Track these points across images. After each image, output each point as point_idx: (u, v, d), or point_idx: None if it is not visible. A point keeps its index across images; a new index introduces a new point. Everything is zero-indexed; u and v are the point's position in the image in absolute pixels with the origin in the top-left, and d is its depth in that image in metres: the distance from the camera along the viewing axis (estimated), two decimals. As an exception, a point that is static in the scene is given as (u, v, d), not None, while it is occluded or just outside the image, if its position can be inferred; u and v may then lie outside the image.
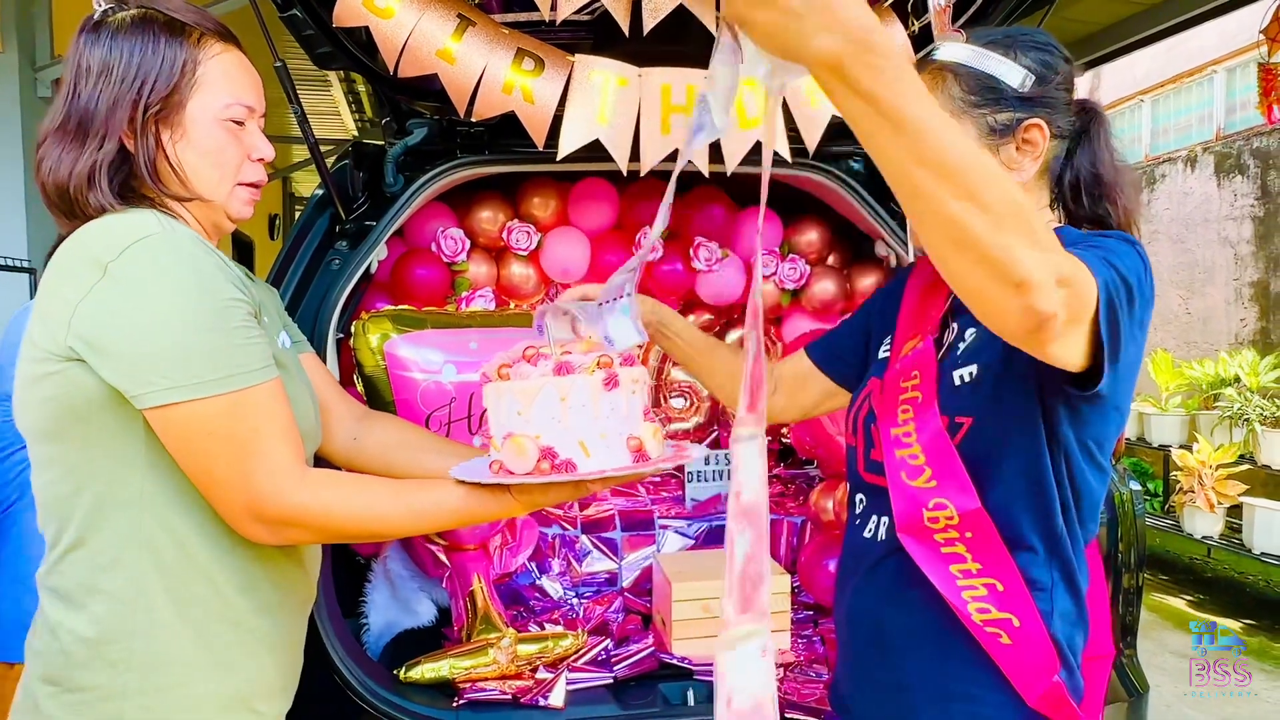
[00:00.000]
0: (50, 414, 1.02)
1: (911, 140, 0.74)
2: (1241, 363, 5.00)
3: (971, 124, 1.08)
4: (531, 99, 1.77)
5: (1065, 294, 0.82)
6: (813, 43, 0.72)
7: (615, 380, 1.04)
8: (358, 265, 1.98)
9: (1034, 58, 1.10)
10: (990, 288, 0.81)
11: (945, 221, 0.78)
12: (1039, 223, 0.80)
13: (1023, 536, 1.07)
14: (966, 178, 0.75)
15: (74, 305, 0.97)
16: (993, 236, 0.77)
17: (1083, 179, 1.14)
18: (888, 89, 0.72)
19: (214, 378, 0.98)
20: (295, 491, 1.02)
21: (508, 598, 2.20)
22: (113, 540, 1.03)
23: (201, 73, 1.08)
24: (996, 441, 1.05)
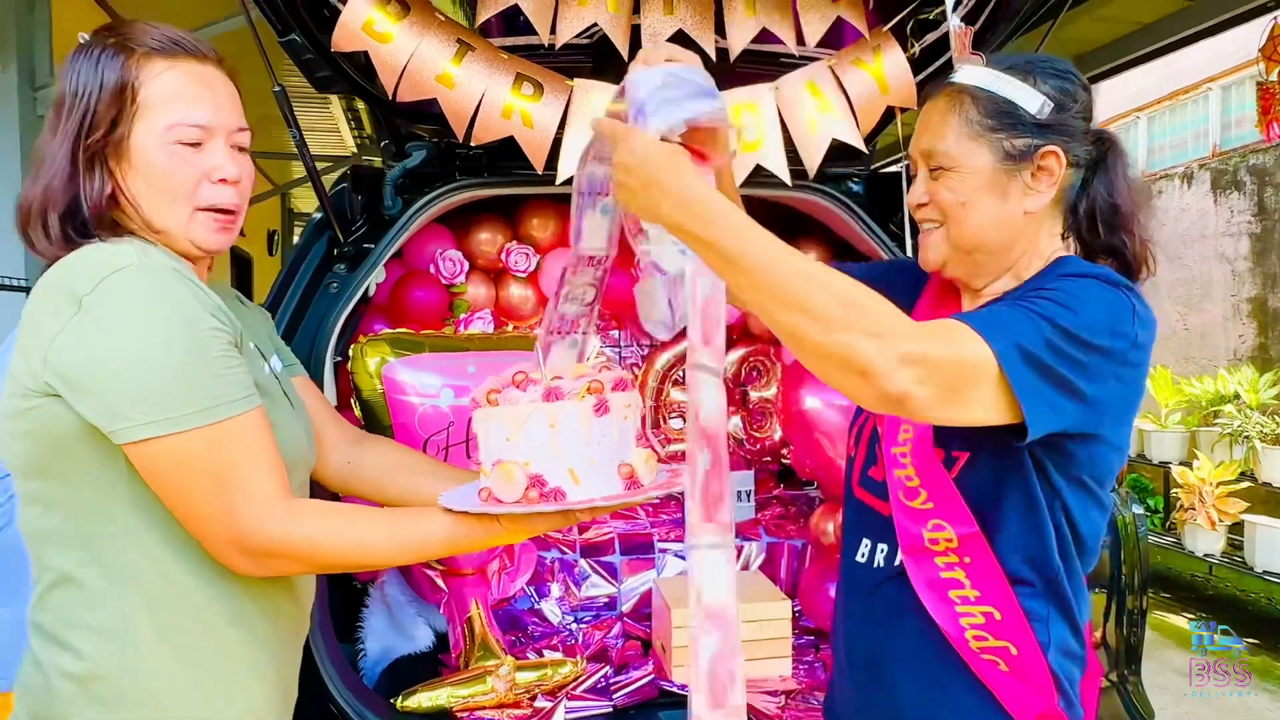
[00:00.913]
0: (31, 449, 1.01)
1: (741, 270, 0.89)
2: (1241, 379, 4.99)
3: (988, 147, 1.08)
4: (531, 123, 1.76)
5: (917, 372, 0.89)
6: (658, 210, 0.93)
7: (605, 406, 1.02)
8: (356, 288, 1.98)
9: (1053, 85, 1.09)
10: (837, 378, 0.92)
11: (783, 330, 0.91)
12: (880, 312, 0.90)
13: (1018, 570, 1.06)
14: (792, 293, 0.88)
15: (50, 340, 0.95)
16: (826, 336, 0.88)
17: (1099, 209, 1.12)
18: (711, 232, 0.90)
19: (191, 411, 0.96)
20: (279, 523, 1.00)
21: (506, 623, 2.18)
22: (98, 576, 1.01)
23: (144, 95, 1.03)
24: (991, 476, 1.05)
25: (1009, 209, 1.09)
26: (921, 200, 1.14)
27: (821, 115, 1.84)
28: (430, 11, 1.74)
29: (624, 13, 1.73)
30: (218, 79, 1.09)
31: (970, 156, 1.08)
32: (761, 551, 2.41)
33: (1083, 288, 1.00)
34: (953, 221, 1.11)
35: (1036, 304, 0.97)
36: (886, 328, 0.88)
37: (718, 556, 0.86)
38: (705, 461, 0.88)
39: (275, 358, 1.23)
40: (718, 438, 0.89)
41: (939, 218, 1.12)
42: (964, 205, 1.09)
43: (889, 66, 1.90)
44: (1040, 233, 1.11)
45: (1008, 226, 1.09)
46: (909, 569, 1.10)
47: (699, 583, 0.86)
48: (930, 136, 1.12)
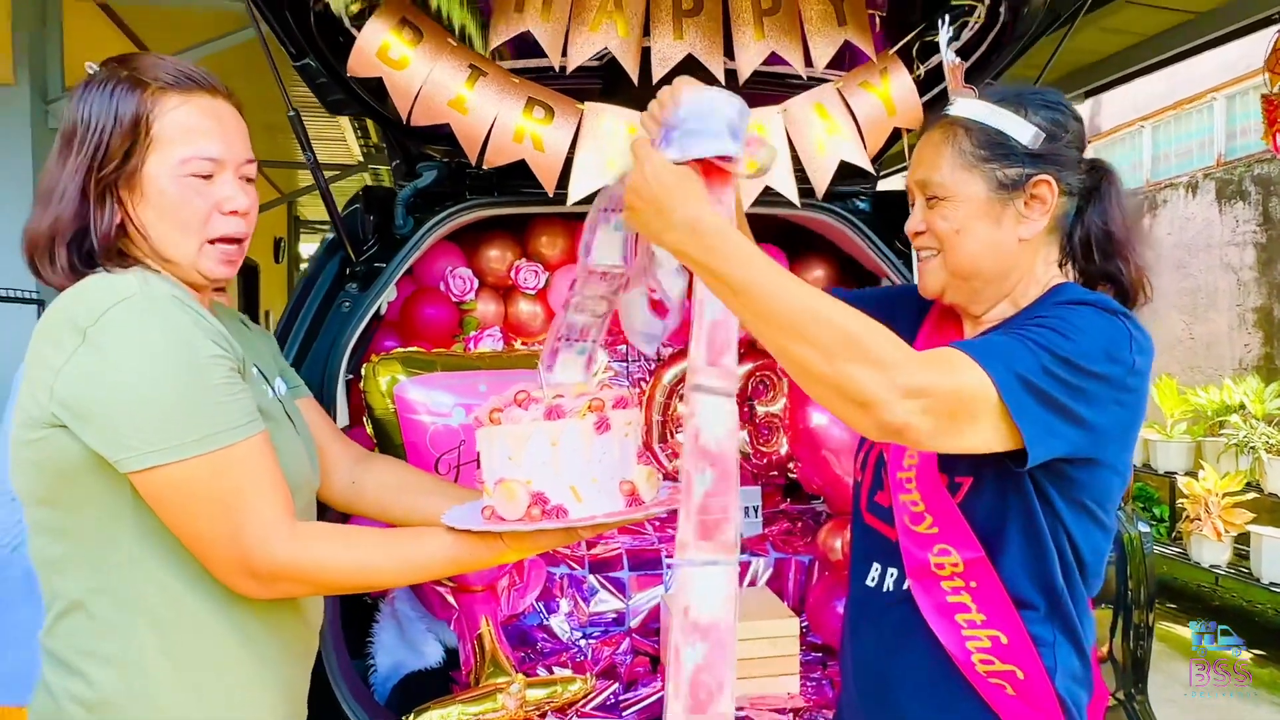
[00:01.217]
0: (39, 479, 1.02)
1: (749, 301, 0.91)
2: (1246, 390, 4.99)
3: (981, 177, 1.11)
4: (542, 147, 1.79)
5: (919, 404, 0.91)
6: (663, 235, 0.95)
7: (607, 424, 1.04)
8: (368, 307, 1.99)
9: (1045, 116, 1.12)
10: (840, 408, 0.93)
11: (788, 360, 0.93)
12: (882, 343, 0.91)
13: (1023, 594, 1.08)
14: (796, 324, 0.90)
15: (56, 371, 0.97)
16: (829, 368, 0.90)
17: (1093, 236, 1.15)
18: (718, 261, 0.91)
19: (194, 438, 0.98)
20: (284, 546, 1.01)
21: (515, 639, 2.19)
22: (107, 603, 1.03)
23: (157, 129, 1.04)
24: (995, 502, 1.07)
25: (1003, 236, 1.11)
26: (919, 229, 1.16)
27: (829, 137, 1.87)
28: (443, 37, 1.76)
29: (634, 37, 1.75)
30: (227, 112, 1.11)
31: (964, 186, 1.11)
32: (769, 567, 2.42)
33: (1079, 315, 1.03)
34: (949, 249, 1.13)
35: (1034, 332, 0.99)
36: (888, 359, 0.90)
37: (714, 572, 0.86)
38: (707, 481, 0.88)
39: (279, 380, 1.25)
40: (724, 457, 0.90)
41: (936, 245, 1.15)
42: (959, 233, 1.12)
43: (896, 89, 1.92)
44: (1036, 260, 1.14)
45: (1003, 254, 1.12)
46: (916, 593, 1.11)
47: (687, 599, 0.86)
48: (926, 168, 1.14)
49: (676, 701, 0.83)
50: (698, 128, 0.96)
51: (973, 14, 1.92)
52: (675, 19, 1.75)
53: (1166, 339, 6.76)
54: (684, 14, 1.76)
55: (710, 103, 0.97)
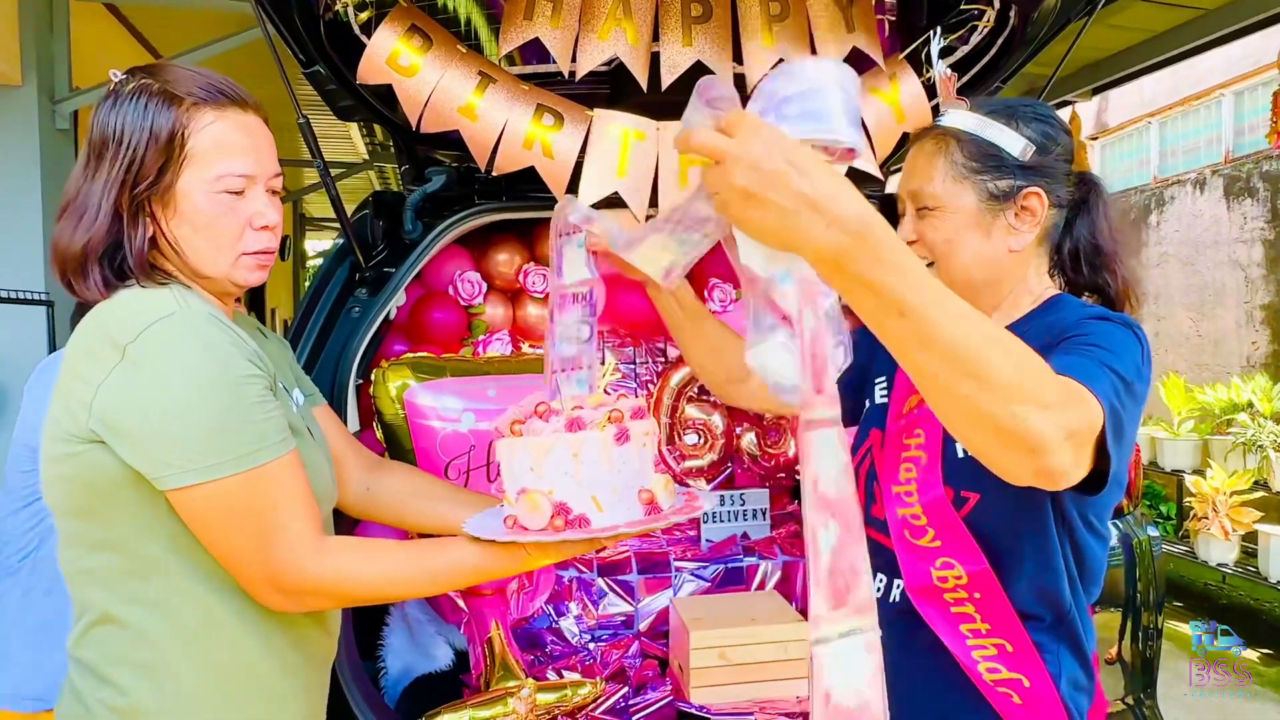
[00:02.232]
0: (73, 492, 1.03)
1: (915, 325, 0.74)
2: (1255, 388, 4.98)
3: (972, 189, 1.11)
4: (551, 154, 1.79)
5: (1074, 445, 0.83)
6: (811, 238, 0.72)
7: (626, 435, 1.05)
8: (378, 313, 2.00)
9: (1035, 129, 1.13)
10: (1004, 455, 0.82)
11: (954, 400, 0.79)
12: (1050, 381, 0.81)
13: (1030, 606, 1.08)
14: (972, 358, 0.76)
15: (94, 388, 0.98)
16: (1003, 409, 0.77)
17: (1082, 248, 1.17)
18: (890, 277, 0.73)
19: (232, 456, 0.99)
20: (314, 562, 1.03)
21: (525, 642, 2.21)
22: (139, 614, 1.04)
23: (192, 145, 1.05)
24: (1004, 517, 1.07)
25: (993, 247, 1.12)
26: (910, 239, 1.17)
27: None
28: (453, 44, 1.77)
29: (643, 44, 1.75)
30: (258, 126, 1.11)
31: (955, 197, 1.11)
32: (777, 569, 2.43)
33: (1110, 331, 1.02)
34: (941, 259, 1.14)
35: (1094, 352, 0.97)
36: (1055, 399, 0.81)
37: (855, 643, 0.74)
38: (833, 536, 0.73)
39: (297, 390, 1.26)
40: (844, 503, 0.74)
41: (927, 256, 1.16)
42: (949, 243, 1.12)
43: (905, 95, 1.92)
44: (1028, 271, 1.15)
45: (993, 264, 1.13)
46: (919, 605, 1.11)
47: (828, 684, 0.73)
48: (917, 178, 1.15)
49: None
50: (820, 105, 0.76)
51: (982, 17, 1.92)
52: (684, 25, 1.76)
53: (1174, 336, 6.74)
54: (693, 20, 1.76)
55: (837, 77, 0.76)
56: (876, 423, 1.27)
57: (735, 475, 2.73)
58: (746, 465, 2.73)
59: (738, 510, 2.50)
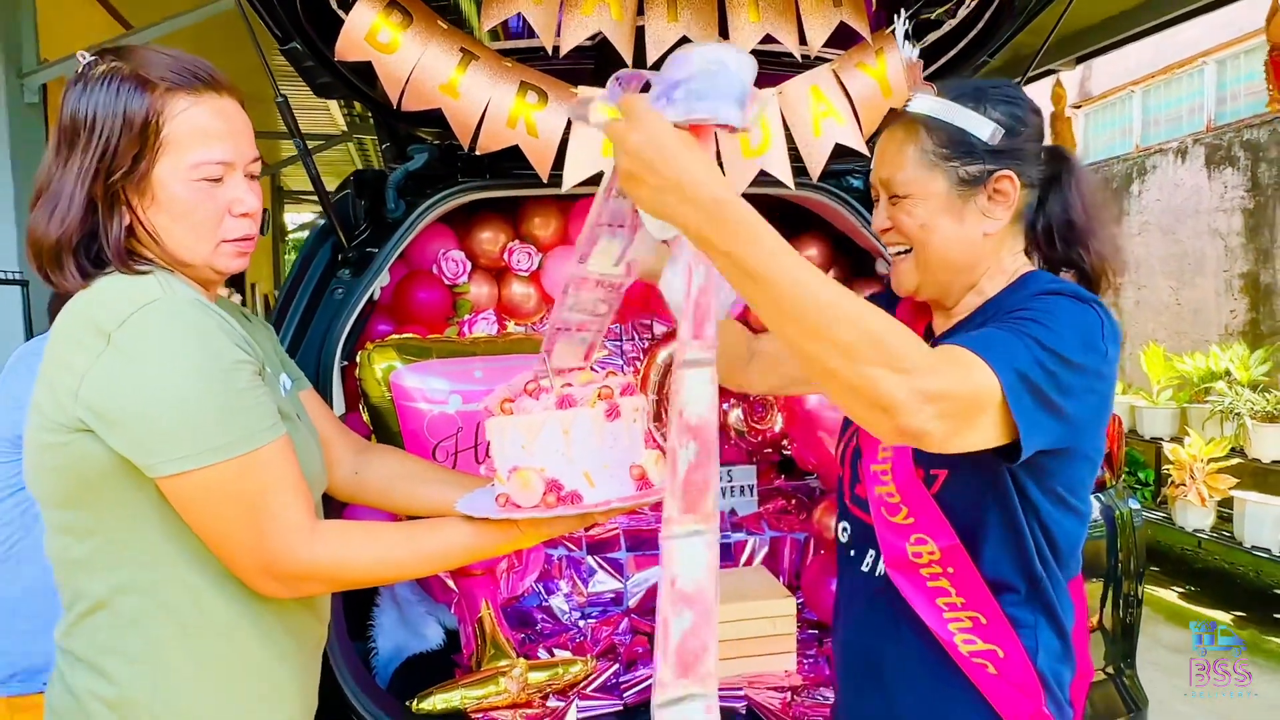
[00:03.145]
0: (61, 482, 1.02)
1: (765, 290, 0.84)
2: (1232, 356, 5.05)
3: (943, 175, 1.12)
4: (535, 132, 1.76)
5: (938, 408, 0.88)
6: (678, 213, 0.84)
7: (617, 411, 1.05)
8: (361, 294, 1.98)
9: (1003, 111, 1.12)
10: (859, 411, 0.90)
11: (807, 357, 0.88)
12: (905, 345, 0.87)
13: (1004, 578, 1.11)
14: (819, 320, 0.84)
15: (80, 376, 0.97)
16: (850, 369, 0.85)
17: (1055, 225, 1.17)
18: (741, 248, 0.83)
19: (223, 443, 0.98)
20: (308, 547, 1.02)
21: (515, 620, 2.22)
22: (131, 603, 1.03)
23: (167, 132, 1.02)
24: (970, 492, 1.09)
25: (967, 231, 1.13)
26: (885, 225, 1.18)
27: (825, 120, 1.85)
28: (433, 20, 1.73)
29: (628, 19, 1.72)
30: (234, 111, 1.09)
31: (926, 184, 1.12)
32: (764, 544, 2.45)
33: (1056, 305, 1.03)
34: (918, 245, 1.15)
35: (1023, 325, 0.99)
36: (910, 362, 0.87)
37: (696, 542, 0.85)
38: (690, 454, 0.84)
39: (284, 375, 1.24)
40: (705, 429, 0.85)
41: (904, 242, 1.16)
42: (924, 229, 1.13)
43: (892, 70, 1.90)
44: (1002, 251, 1.16)
45: (968, 247, 1.14)
46: (895, 580, 1.14)
47: (673, 571, 0.84)
48: (888, 166, 1.15)
49: (665, 667, 0.83)
50: (705, 88, 0.84)
51: (969, -9, 1.90)
52: (669, 0, 1.72)
53: (1154, 305, 6.81)
54: (678, -5, 1.73)
55: (722, 61, 0.85)
56: None
57: (721, 450, 2.74)
58: (733, 440, 2.75)
59: (725, 486, 2.51)
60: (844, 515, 1.29)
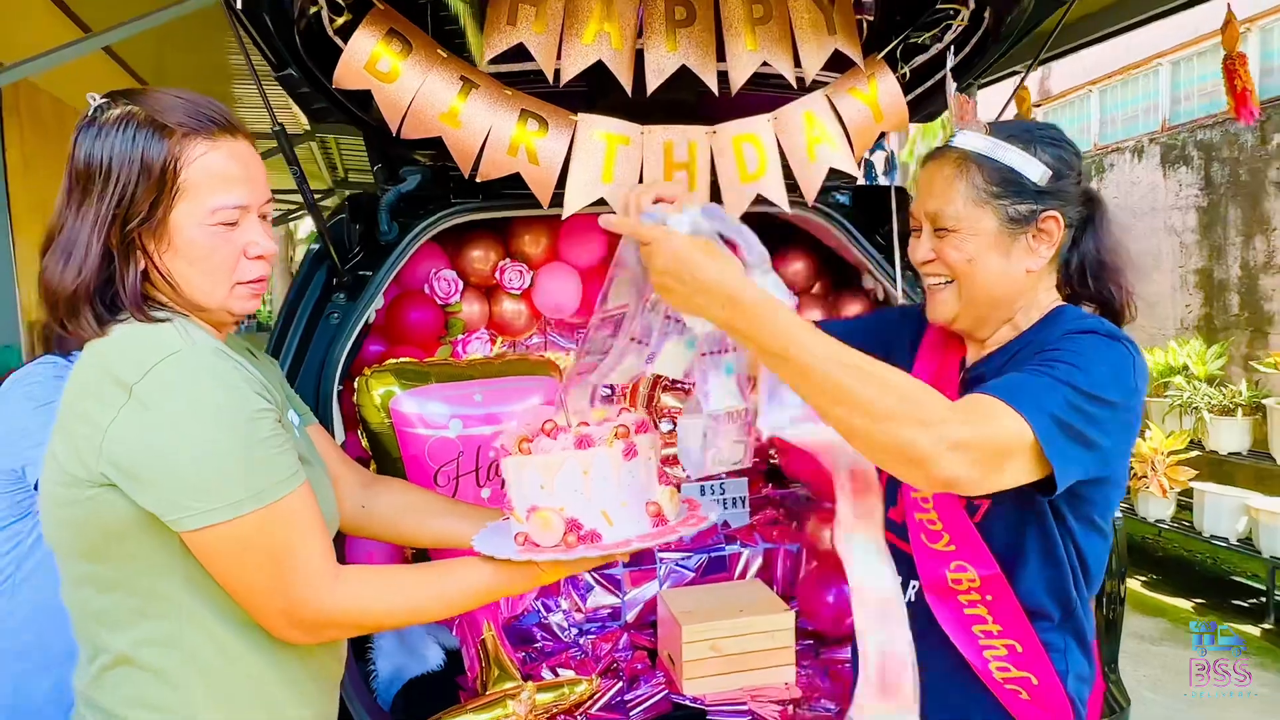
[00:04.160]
0: (83, 535, 1.01)
1: (793, 367, 0.94)
2: (1190, 352, 5.21)
3: (993, 212, 1.15)
4: (536, 160, 1.77)
5: (968, 456, 0.94)
6: (705, 309, 0.97)
7: (634, 450, 1.07)
8: (358, 319, 1.97)
9: (1052, 154, 1.16)
10: (892, 466, 0.96)
11: (836, 421, 0.95)
12: (926, 401, 0.94)
13: (1040, 606, 1.15)
14: (841, 387, 0.93)
15: (102, 430, 0.96)
16: (878, 427, 0.92)
17: (1088, 264, 1.22)
18: (763, 332, 0.95)
19: (248, 494, 0.98)
20: (330, 594, 1.03)
21: (515, 638, 2.23)
22: (155, 655, 1.03)
23: (185, 178, 1.01)
24: (1013, 522, 1.13)
25: (1012, 268, 1.16)
26: (928, 258, 1.20)
27: (819, 145, 1.88)
28: (433, 48, 1.72)
29: (627, 49, 1.73)
30: (249, 153, 1.08)
31: (976, 220, 1.15)
32: (758, 556, 2.49)
33: (1089, 345, 1.08)
34: (963, 279, 1.18)
35: (1054, 368, 1.04)
36: (933, 416, 0.93)
37: None
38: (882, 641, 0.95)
39: (292, 412, 1.24)
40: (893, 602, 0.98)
41: (946, 274, 1.19)
42: (970, 264, 1.17)
43: (883, 95, 1.94)
44: (1039, 287, 1.20)
45: (1011, 283, 1.17)
46: (933, 606, 1.18)
47: None
48: (937, 199, 1.18)
49: None
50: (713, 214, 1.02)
51: (957, 16, 1.94)
52: (669, 29, 1.74)
53: (1112, 300, 6.97)
54: (677, 24, 1.74)
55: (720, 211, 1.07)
56: None
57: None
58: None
59: (718, 499, 2.55)
60: None
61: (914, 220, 1.24)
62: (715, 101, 1.83)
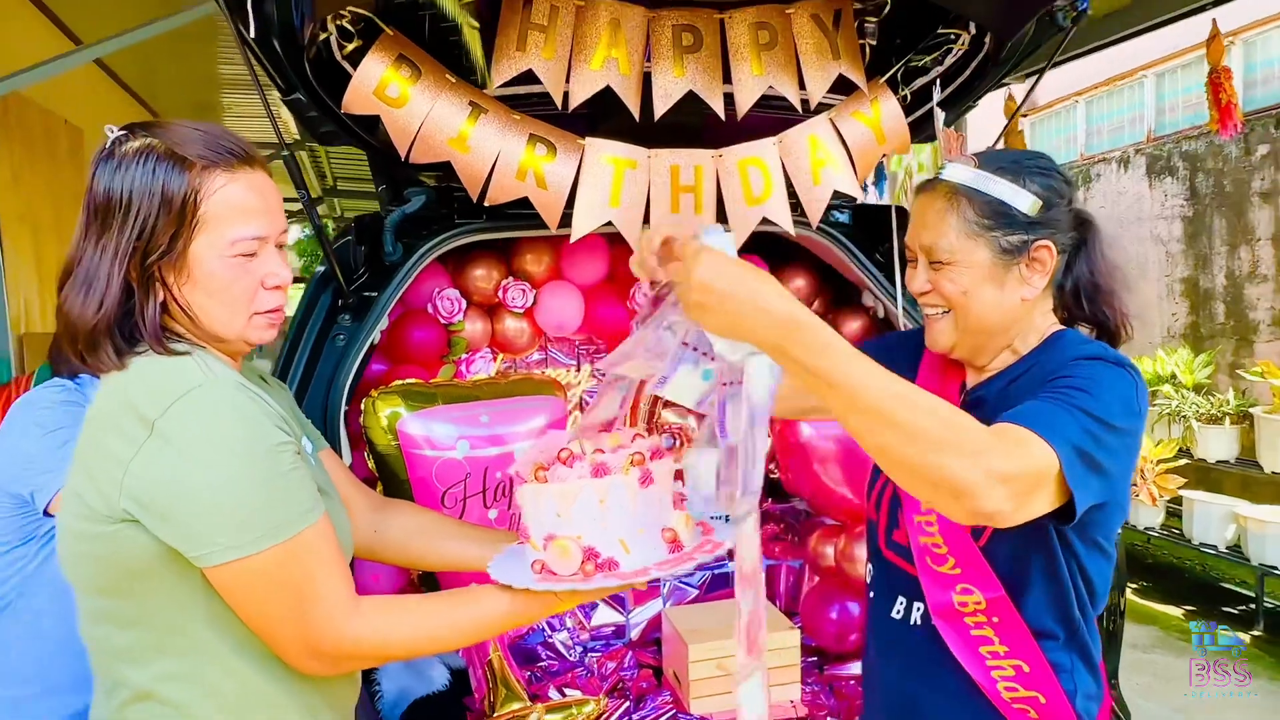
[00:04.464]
0: (104, 571, 1.01)
1: (843, 394, 0.91)
2: (1177, 361, 5.27)
3: (985, 245, 1.16)
4: (544, 184, 1.78)
5: (1009, 489, 0.93)
6: (755, 332, 0.92)
7: (650, 477, 1.07)
8: (363, 341, 1.97)
9: (1041, 183, 1.18)
10: (934, 498, 0.95)
11: (879, 449, 0.94)
12: (971, 431, 0.93)
13: (1046, 626, 1.16)
14: (893, 416, 0.91)
15: (124, 465, 0.96)
16: (924, 457, 0.91)
17: (1082, 287, 1.24)
18: (817, 359, 0.90)
19: (269, 529, 0.98)
20: (350, 626, 1.03)
21: (520, 657, 2.23)
22: (176, 690, 1.03)
23: (205, 210, 1.01)
24: (1019, 546, 1.14)
25: (1007, 297, 1.18)
26: (925, 289, 1.22)
27: (823, 169, 1.90)
28: (442, 74, 1.73)
29: (635, 74, 1.75)
30: (266, 184, 1.09)
31: (969, 253, 1.17)
32: (760, 572, 2.49)
33: (1099, 372, 1.09)
34: (959, 309, 1.20)
35: (1070, 396, 1.05)
36: (979, 447, 0.92)
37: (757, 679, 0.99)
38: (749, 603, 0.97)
39: (305, 439, 1.24)
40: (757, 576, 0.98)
41: (943, 305, 1.21)
42: (965, 295, 1.18)
43: (886, 118, 1.96)
44: (1035, 313, 1.21)
45: (1007, 312, 1.19)
46: (940, 629, 1.19)
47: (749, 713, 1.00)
48: (930, 233, 1.20)
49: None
50: None
51: (957, 41, 1.97)
52: (676, 55, 1.76)
53: (1100, 308, 7.03)
54: (684, 50, 1.76)
55: None
56: None
57: (712, 477, 2.78)
58: (722, 467, 2.79)
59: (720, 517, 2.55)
60: (875, 559, 1.34)
61: (909, 251, 1.26)
62: (718, 123, 1.85)
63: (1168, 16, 4.45)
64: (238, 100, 6.75)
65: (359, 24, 1.68)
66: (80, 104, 4.85)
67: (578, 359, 2.76)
